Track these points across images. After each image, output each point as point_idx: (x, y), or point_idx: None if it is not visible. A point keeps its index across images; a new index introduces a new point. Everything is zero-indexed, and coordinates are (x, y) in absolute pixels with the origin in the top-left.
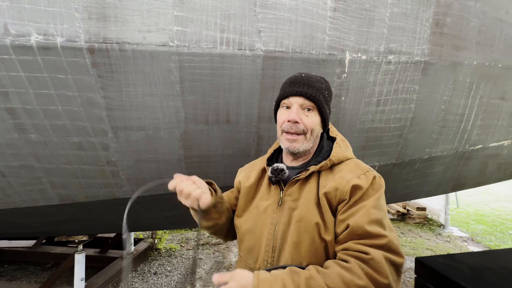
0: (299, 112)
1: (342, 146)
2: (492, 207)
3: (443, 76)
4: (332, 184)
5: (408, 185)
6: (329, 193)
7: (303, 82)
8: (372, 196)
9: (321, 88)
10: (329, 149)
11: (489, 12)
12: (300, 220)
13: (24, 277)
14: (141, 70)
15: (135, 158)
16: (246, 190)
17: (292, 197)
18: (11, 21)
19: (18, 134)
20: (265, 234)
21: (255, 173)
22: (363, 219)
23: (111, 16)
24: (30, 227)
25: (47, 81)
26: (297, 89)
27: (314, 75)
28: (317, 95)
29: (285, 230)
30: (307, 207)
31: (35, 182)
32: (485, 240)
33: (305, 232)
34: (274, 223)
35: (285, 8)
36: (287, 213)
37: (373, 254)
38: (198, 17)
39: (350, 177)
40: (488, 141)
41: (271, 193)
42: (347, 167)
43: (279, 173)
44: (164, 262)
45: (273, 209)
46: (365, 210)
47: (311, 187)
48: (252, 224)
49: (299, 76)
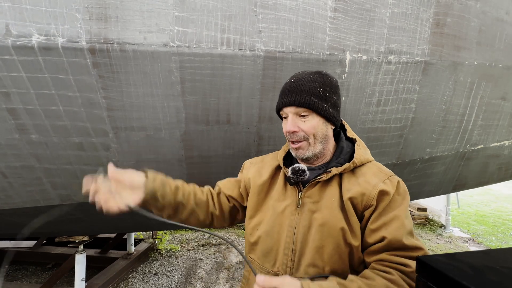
0: (295, 121)
1: (362, 148)
2: (493, 207)
3: (444, 76)
4: (358, 189)
5: (408, 186)
6: (355, 198)
7: (292, 89)
8: (400, 203)
9: (313, 88)
10: (349, 151)
11: (490, 12)
12: (323, 224)
13: (25, 277)
14: (142, 71)
15: (136, 159)
16: (258, 189)
17: (312, 199)
18: (12, 22)
19: (19, 134)
20: (284, 237)
21: (268, 170)
22: (400, 232)
23: (112, 17)
24: (31, 228)
25: (48, 81)
26: (286, 100)
27: (307, 75)
28: (307, 99)
29: (306, 233)
30: (331, 211)
31: (36, 182)
32: (486, 241)
33: (329, 237)
34: (293, 226)
35: (285, 9)
36: (307, 216)
37: (414, 267)
38: (198, 18)
39: (376, 182)
40: (489, 141)
41: (288, 193)
42: (370, 171)
43: (300, 174)
44: (164, 262)
45: (291, 211)
46: (400, 222)
47: (333, 190)
48: (269, 226)
49: (289, 83)
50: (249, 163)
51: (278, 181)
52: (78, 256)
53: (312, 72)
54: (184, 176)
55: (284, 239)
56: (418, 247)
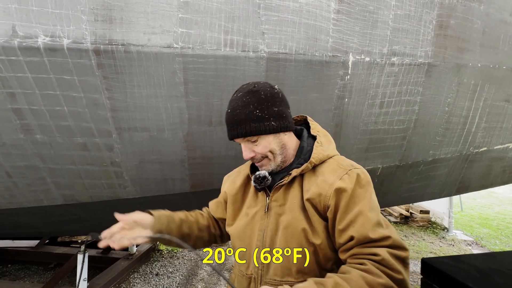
0: (248, 147)
1: (324, 144)
2: (496, 210)
3: (447, 78)
4: (315, 189)
5: (411, 188)
6: (313, 199)
7: (231, 122)
8: (363, 196)
9: (249, 113)
10: (310, 149)
11: (493, 14)
12: (287, 226)
13: (27, 277)
14: (146, 72)
15: (139, 159)
16: (233, 198)
17: (278, 202)
18: (19, 23)
19: (24, 134)
20: (254, 241)
21: (241, 179)
22: (365, 227)
23: (116, 18)
24: (34, 227)
25: (53, 82)
26: (230, 133)
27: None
28: (247, 129)
29: (274, 236)
30: (293, 213)
31: (40, 182)
32: (489, 244)
33: (293, 238)
34: (262, 230)
35: (288, 10)
36: (274, 219)
37: (383, 254)
38: (202, 19)
39: (332, 180)
40: (492, 143)
41: (259, 199)
42: (329, 168)
43: (262, 181)
44: (166, 263)
45: (261, 215)
46: (364, 218)
47: (295, 191)
48: (242, 231)
49: (227, 114)
50: (227, 177)
51: (251, 188)
52: (80, 256)
53: (244, 94)
54: (187, 177)
55: (255, 243)
56: (385, 236)
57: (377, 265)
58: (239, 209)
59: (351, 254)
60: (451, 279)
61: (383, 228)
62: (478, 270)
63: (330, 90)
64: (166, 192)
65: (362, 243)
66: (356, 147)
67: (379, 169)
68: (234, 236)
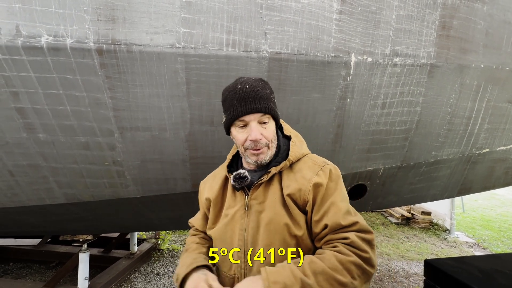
0: (258, 128)
1: (298, 143)
2: (498, 212)
3: (450, 79)
4: (295, 185)
5: (413, 189)
6: (293, 194)
7: (252, 96)
8: (334, 189)
9: (269, 94)
10: (286, 148)
11: (497, 15)
12: (269, 223)
13: (29, 275)
14: (148, 71)
15: (141, 159)
16: (214, 202)
17: (258, 200)
18: (22, 23)
19: (26, 133)
20: (236, 240)
21: (218, 183)
22: (337, 216)
23: (119, 18)
24: (36, 226)
25: (56, 81)
26: (250, 107)
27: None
28: (269, 105)
29: (255, 234)
30: (274, 209)
31: (42, 181)
32: (492, 246)
33: (276, 234)
34: (243, 229)
35: (291, 11)
36: (254, 217)
37: (352, 237)
38: (204, 19)
39: (310, 176)
40: (495, 145)
41: (237, 199)
42: (305, 165)
43: (242, 180)
44: (167, 262)
45: (240, 214)
46: (336, 207)
47: (275, 188)
48: (222, 232)
49: (244, 90)
50: (203, 184)
51: (228, 189)
52: (81, 255)
53: (257, 79)
54: (188, 176)
55: (237, 243)
56: (354, 222)
57: (347, 247)
58: (219, 211)
59: (325, 240)
60: (454, 280)
61: (352, 216)
62: (481, 272)
63: (332, 91)
64: (168, 192)
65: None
66: (358, 148)
67: (381, 170)
68: (215, 238)
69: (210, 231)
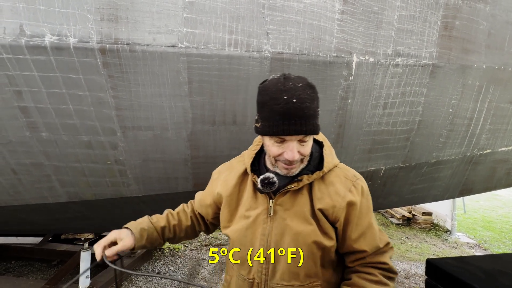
0: (295, 147)
1: (329, 152)
2: (500, 213)
3: (452, 80)
4: (328, 201)
5: (414, 189)
6: (327, 210)
7: (299, 115)
8: (368, 207)
9: (314, 108)
10: (318, 156)
11: (499, 15)
12: (297, 234)
13: (31, 273)
14: (151, 71)
15: (143, 158)
16: (228, 199)
17: (284, 206)
18: (26, 22)
19: (29, 132)
20: (257, 245)
21: (234, 178)
22: (375, 239)
23: (122, 18)
24: (38, 224)
25: (59, 80)
26: (295, 128)
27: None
28: (314, 126)
29: (279, 242)
30: (303, 221)
31: (45, 179)
32: (493, 247)
33: (304, 245)
34: (265, 234)
35: (293, 11)
36: (279, 224)
37: (389, 263)
38: (207, 19)
39: (344, 193)
40: (497, 145)
41: (259, 201)
42: (338, 179)
43: (271, 186)
44: (167, 262)
45: (263, 219)
46: (372, 230)
47: (304, 198)
48: (242, 235)
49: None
50: (217, 174)
51: (247, 188)
52: (83, 253)
53: (306, 86)
54: (190, 176)
55: (258, 248)
56: (387, 242)
57: (384, 273)
58: (234, 210)
59: (361, 263)
60: (456, 280)
61: (383, 234)
62: (483, 271)
63: (334, 91)
64: (169, 191)
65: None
66: (359, 148)
67: (382, 170)
68: (233, 240)
69: (226, 231)
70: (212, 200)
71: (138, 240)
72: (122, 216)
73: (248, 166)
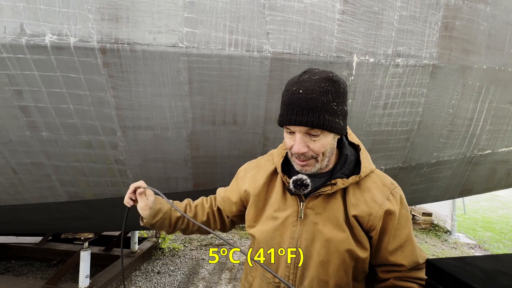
0: (304, 140)
1: (366, 156)
2: (500, 214)
3: (452, 80)
4: (365, 208)
5: (414, 190)
6: (362, 217)
7: (302, 105)
8: (407, 219)
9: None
10: (354, 160)
11: (500, 16)
12: (329, 240)
13: (31, 272)
14: (151, 71)
15: (143, 157)
16: (255, 199)
17: (315, 211)
18: (27, 22)
19: (30, 132)
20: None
21: (263, 177)
22: (414, 255)
23: (123, 17)
24: (38, 224)
25: (59, 80)
26: (296, 118)
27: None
28: (321, 119)
29: (309, 246)
30: (336, 226)
31: (45, 179)
32: (493, 248)
33: (335, 253)
34: (295, 238)
35: (293, 11)
36: (310, 228)
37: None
38: (207, 19)
39: (381, 200)
40: (497, 146)
41: (288, 202)
42: (374, 185)
43: (304, 188)
44: (167, 261)
45: (292, 221)
46: (412, 244)
47: (338, 203)
48: (269, 237)
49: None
50: (244, 172)
51: (276, 188)
52: (83, 253)
53: (322, 79)
54: (190, 176)
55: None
56: (426, 259)
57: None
58: (262, 210)
59: (398, 276)
60: (456, 280)
61: (421, 250)
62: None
63: None
64: (169, 191)
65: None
66: None
67: (382, 171)
68: (259, 241)
69: (252, 230)
70: (239, 198)
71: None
72: (122, 216)
73: (278, 165)
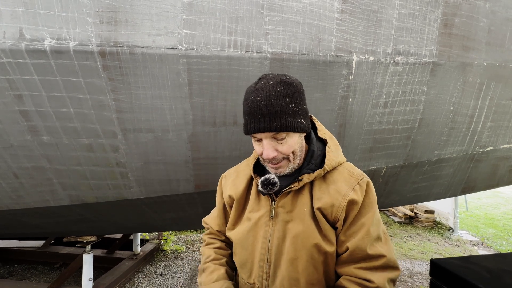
0: (271, 145)
1: (334, 149)
2: (502, 210)
3: (452, 77)
4: (327, 199)
5: (416, 188)
6: (325, 209)
7: (263, 112)
8: (369, 208)
9: (285, 105)
10: (320, 154)
11: (499, 12)
12: (297, 236)
13: (34, 276)
14: (150, 73)
15: (144, 160)
16: (236, 203)
17: (286, 208)
18: (26, 26)
19: (30, 136)
20: (258, 248)
21: (243, 182)
22: (365, 241)
23: (121, 20)
24: (40, 227)
25: (59, 84)
26: (259, 126)
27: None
28: (282, 122)
29: (280, 245)
30: (303, 222)
31: (46, 183)
32: (496, 245)
33: (303, 249)
34: (267, 237)
35: (292, 11)
36: (281, 227)
37: (377, 282)
38: (206, 20)
39: (346, 191)
40: (499, 143)
41: (261, 203)
42: (341, 177)
43: (271, 187)
44: (170, 263)
45: (265, 221)
46: (366, 231)
47: (305, 198)
48: (244, 237)
49: (254, 103)
50: (224, 180)
51: (252, 190)
52: (85, 256)
53: (277, 83)
54: (191, 177)
55: (259, 251)
56: (381, 255)
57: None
58: (241, 213)
59: (346, 273)
60: (461, 280)
61: (381, 244)
62: (488, 271)
63: (334, 90)
64: (171, 193)
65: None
66: (360, 147)
67: (384, 169)
68: (235, 243)
69: (230, 233)
70: (228, 205)
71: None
72: (124, 218)
73: (251, 167)
